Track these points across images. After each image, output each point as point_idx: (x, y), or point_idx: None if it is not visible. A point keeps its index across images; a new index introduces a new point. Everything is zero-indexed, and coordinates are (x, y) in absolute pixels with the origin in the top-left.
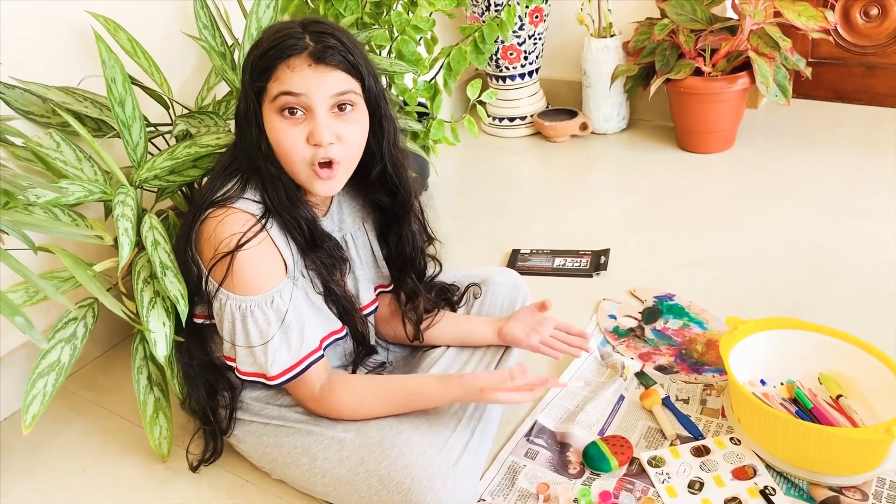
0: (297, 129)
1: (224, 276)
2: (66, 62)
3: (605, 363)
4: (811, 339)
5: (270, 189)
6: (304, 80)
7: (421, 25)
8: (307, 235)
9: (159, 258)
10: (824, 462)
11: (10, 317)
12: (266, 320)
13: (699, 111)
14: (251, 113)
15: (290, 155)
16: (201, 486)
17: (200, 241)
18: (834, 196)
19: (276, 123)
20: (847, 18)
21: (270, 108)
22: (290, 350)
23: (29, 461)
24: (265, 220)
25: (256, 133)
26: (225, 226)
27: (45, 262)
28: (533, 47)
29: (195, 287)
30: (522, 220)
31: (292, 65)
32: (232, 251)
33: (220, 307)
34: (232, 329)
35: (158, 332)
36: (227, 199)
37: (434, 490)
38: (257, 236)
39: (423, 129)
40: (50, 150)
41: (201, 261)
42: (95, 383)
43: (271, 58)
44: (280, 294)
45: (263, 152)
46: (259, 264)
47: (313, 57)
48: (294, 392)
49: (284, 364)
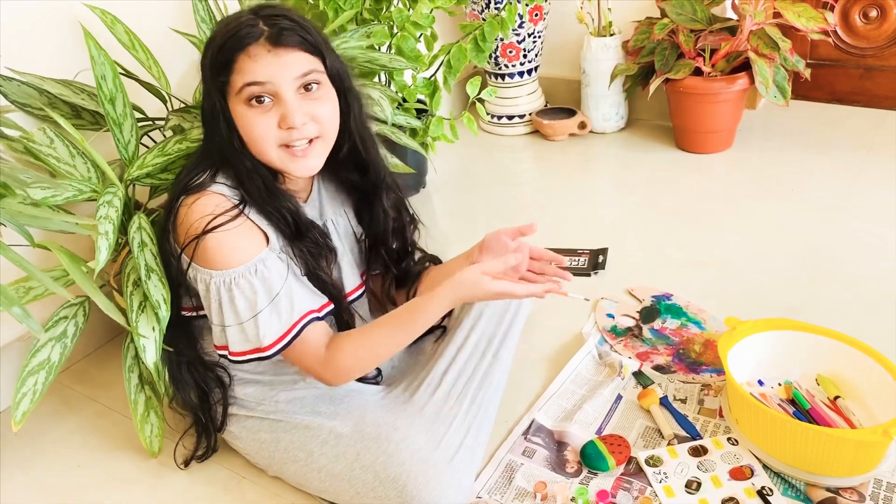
0: (267, 117)
1: (200, 255)
2: (64, 55)
3: (603, 362)
4: (809, 340)
5: (248, 183)
6: (267, 67)
7: (421, 22)
8: (291, 226)
9: (145, 260)
10: (821, 463)
11: (8, 307)
12: (252, 289)
13: (698, 111)
14: (217, 110)
15: (264, 143)
16: (197, 482)
17: (176, 228)
18: (832, 197)
19: (246, 115)
20: (846, 20)
21: (237, 100)
22: (280, 318)
23: (24, 456)
24: (243, 205)
25: (227, 130)
26: (197, 209)
27: (36, 262)
28: (532, 45)
29: (180, 279)
30: (521, 218)
31: (251, 53)
32: (203, 232)
33: (205, 289)
34: (220, 308)
35: (148, 338)
36: (199, 186)
37: (430, 486)
38: (234, 220)
39: (422, 126)
40: (43, 146)
41: (178, 248)
42: (90, 378)
43: (229, 49)
44: (264, 262)
45: (237, 148)
46: (236, 238)
47: (271, 41)
48: (299, 362)
49: (277, 332)
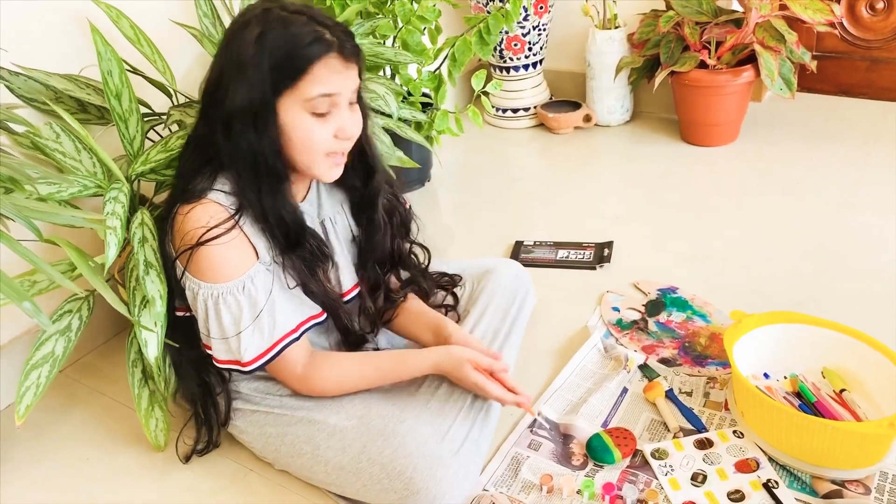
0: (326, 126)
1: (192, 266)
2: (70, 50)
3: (609, 355)
4: (815, 334)
5: (251, 187)
6: (339, 79)
7: (427, 16)
8: (290, 232)
9: (144, 256)
10: (827, 456)
11: (18, 302)
12: (238, 306)
13: (703, 104)
14: (266, 110)
15: (317, 150)
16: (203, 476)
17: (173, 233)
18: (837, 190)
19: (305, 121)
20: (853, 12)
21: (296, 105)
22: (262, 336)
23: (31, 450)
24: (238, 215)
25: (272, 130)
26: (192, 219)
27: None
28: (537, 38)
29: (173, 280)
30: (525, 211)
31: (328, 63)
32: (197, 244)
33: (192, 297)
34: (206, 319)
35: (149, 335)
36: (197, 193)
37: (436, 479)
38: (228, 233)
39: (427, 119)
40: (49, 140)
41: (174, 253)
42: (97, 372)
43: (304, 56)
44: (252, 280)
45: (272, 149)
46: (227, 253)
47: (342, 54)
48: (276, 375)
49: (257, 350)
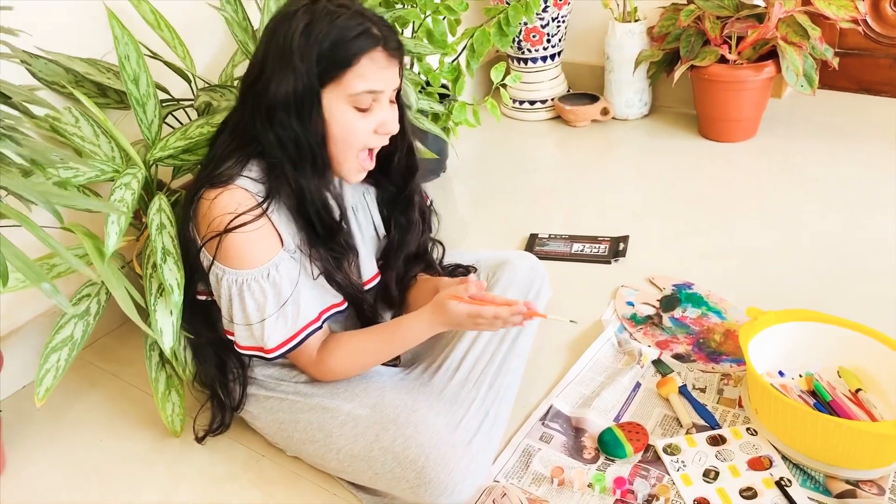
0: (367, 121)
1: (218, 252)
2: (93, 34)
3: (622, 350)
4: (831, 332)
5: (308, 172)
6: (384, 75)
7: (455, 7)
8: (330, 219)
9: (162, 243)
10: (841, 455)
11: (37, 283)
12: (263, 293)
13: (723, 99)
14: (312, 101)
15: (355, 144)
16: (216, 460)
17: (197, 217)
18: (857, 188)
19: (347, 114)
20: (876, 8)
21: (341, 97)
22: (286, 323)
23: (46, 431)
24: (267, 203)
25: (319, 122)
26: (219, 204)
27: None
28: (556, 30)
29: (195, 265)
30: (541, 204)
31: (374, 58)
32: (225, 231)
33: (216, 282)
34: (229, 304)
35: (165, 323)
36: (224, 178)
37: (448, 468)
38: (256, 220)
39: (444, 110)
40: (68, 125)
41: (198, 237)
42: (113, 354)
43: (351, 48)
44: (276, 267)
45: (314, 141)
46: (254, 240)
47: (388, 49)
48: (294, 361)
49: (281, 337)
